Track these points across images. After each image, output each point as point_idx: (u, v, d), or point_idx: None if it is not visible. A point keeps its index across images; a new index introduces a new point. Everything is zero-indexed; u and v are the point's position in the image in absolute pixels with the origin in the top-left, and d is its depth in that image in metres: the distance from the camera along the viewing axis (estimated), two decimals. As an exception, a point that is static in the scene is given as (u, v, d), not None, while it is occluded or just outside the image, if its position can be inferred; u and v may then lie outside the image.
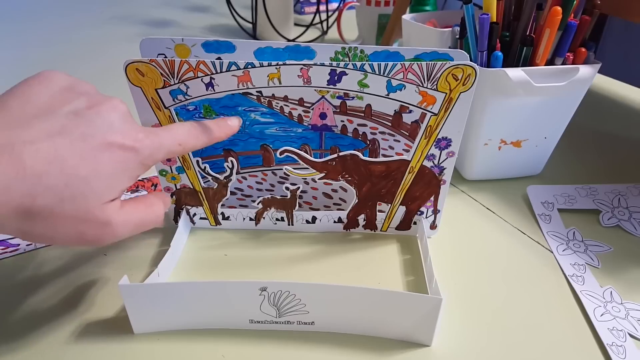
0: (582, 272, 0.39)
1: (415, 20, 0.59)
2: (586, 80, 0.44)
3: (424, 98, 0.35)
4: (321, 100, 0.36)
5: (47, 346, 0.31)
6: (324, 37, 0.97)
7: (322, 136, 0.39)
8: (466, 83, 0.33)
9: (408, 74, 0.34)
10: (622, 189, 0.48)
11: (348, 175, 0.38)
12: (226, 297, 0.31)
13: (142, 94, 0.34)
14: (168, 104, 0.35)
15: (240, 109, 0.37)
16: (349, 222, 0.42)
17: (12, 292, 0.35)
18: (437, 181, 0.39)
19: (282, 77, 0.34)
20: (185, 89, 0.35)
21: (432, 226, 0.42)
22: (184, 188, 0.40)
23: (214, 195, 0.40)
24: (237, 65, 0.34)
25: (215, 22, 1.06)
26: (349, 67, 0.34)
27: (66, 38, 0.94)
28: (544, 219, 0.45)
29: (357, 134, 0.38)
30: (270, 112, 0.37)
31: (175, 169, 0.39)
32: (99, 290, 0.36)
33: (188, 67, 0.33)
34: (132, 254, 0.39)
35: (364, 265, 0.39)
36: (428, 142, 0.37)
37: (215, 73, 0.34)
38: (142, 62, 0.33)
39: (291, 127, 0.38)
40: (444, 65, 0.33)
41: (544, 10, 0.44)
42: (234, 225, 0.42)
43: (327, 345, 0.32)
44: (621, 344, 0.33)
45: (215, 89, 0.35)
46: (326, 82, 0.35)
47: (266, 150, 0.39)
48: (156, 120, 0.36)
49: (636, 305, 0.36)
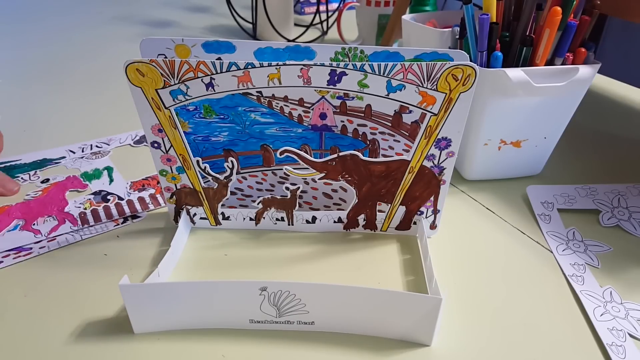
0: (582, 272, 0.39)
1: (415, 20, 0.59)
2: (586, 81, 0.44)
3: (424, 98, 0.35)
4: (321, 100, 0.36)
5: (47, 346, 0.31)
6: (324, 37, 0.97)
7: (322, 136, 0.39)
8: (466, 83, 0.33)
9: (408, 74, 0.34)
10: (621, 189, 0.48)
11: (348, 175, 0.38)
12: (226, 297, 0.31)
13: (142, 94, 0.34)
14: (168, 104, 0.35)
15: (240, 109, 0.37)
16: (349, 222, 0.42)
17: (13, 292, 0.36)
18: (437, 181, 0.39)
19: (282, 78, 0.34)
20: (185, 89, 0.35)
21: (432, 226, 0.42)
22: (184, 188, 0.40)
23: (214, 195, 0.40)
24: (237, 65, 0.34)
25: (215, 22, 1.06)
26: (349, 67, 0.34)
27: (66, 38, 0.94)
28: (543, 219, 0.45)
29: (357, 134, 0.38)
30: (270, 112, 0.37)
31: (176, 169, 0.39)
32: (99, 290, 0.36)
33: (188, 68, 0.33)
34: (132, 253, 0.39)
35: (363, 265, 0.39)
36: (428, 142, 0.37)
37: (215, 73, 0.34)
38: (142, 62, 0.33)
39: (291, 127, 0.38)
40: (443, 65, 0.33)
41: (543, 11, 0.44)
42: (234, 225, 0.42)
43: (327, 344, 0.32)
44: (621, 344, 0.33)
45: (215, 89, 0.35)
46: (326, 82, 0.35)
47: (266, 151, 0.39)
48: (156, 121, 0.36)
49: (636, 305, 0.36)
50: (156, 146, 0.38)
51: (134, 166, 0.52)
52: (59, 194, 0.46)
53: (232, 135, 0.39)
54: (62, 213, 0.44)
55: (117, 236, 0.41)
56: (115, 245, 0.40)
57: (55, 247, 0.40)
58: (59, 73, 0.76)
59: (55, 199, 0.45)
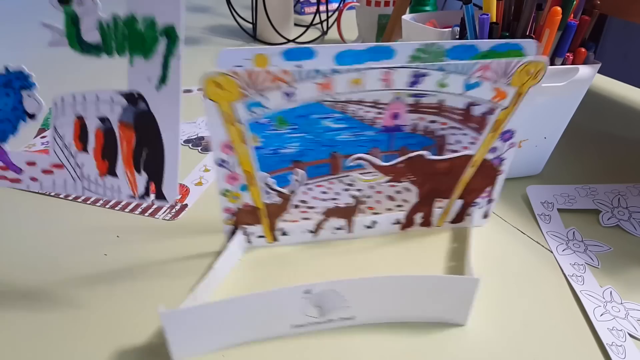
0: (582, 272, 0.39)
1: (415, 20, 0.59)
2: (586, 81, 0.44)
3: (497, 94, 0.35)
4: (396, 100, 0.35)
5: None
6: (324, 38, 0.97)
7: (392, 137, 0.37)
8: (537, 77, 0.34)
9: (487, 71, 0.34)
10: (621, 189, 0.48)
11: (413, 175, 0.38)
12: (271, 306, 0.31)
13: (216, 109, 0.32)
14: (243, 118, 0.33)
15: (313, 117, 0.35)
16: (406, 222, 0.41)
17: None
18: (495, 172, 0.39)
19: (365, 82, 0.33)
20: (262, 100, 0.33)
21: (485, 215, 0.42)
22: (245, 207, 0.38)
23: (276, 211, 0.38)
24: (321, 72, 0.32)
25: (215, 22, 1.06)
26: (431, 68, 0.33)
27: (66, 38, 0.94)
28: (543, 219, 0.45)
29: (426, 131, 0.38)
30: (344, 117, 0.36)
31: (240, 187, 0.37)
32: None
33: (269, 77, 0.32)
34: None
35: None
36: (494, 135, 0.37)
37: (297, 81, 0.32)
38: (222, 73, 0.31)
39: (362, 130, 0.37)
40: (520, 61, 0.33)
41: (543, 11, 0.44)
42: (292, 240, 0.41)
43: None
44: (621, 344, 0.33)
45: (294, 98, 0.33)
46: (407, 84, 0.34)
47: (335, 158, 0.37)
48: (227, 137, 0.34)
49: (636, 305, 0.36)
50: (222, 164, 0.35)
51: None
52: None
53: (303, 145, 0.36)
54: None
55: (117, 236, 0.41)
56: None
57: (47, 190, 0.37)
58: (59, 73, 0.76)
59: None
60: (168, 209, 0.45)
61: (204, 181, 0.49)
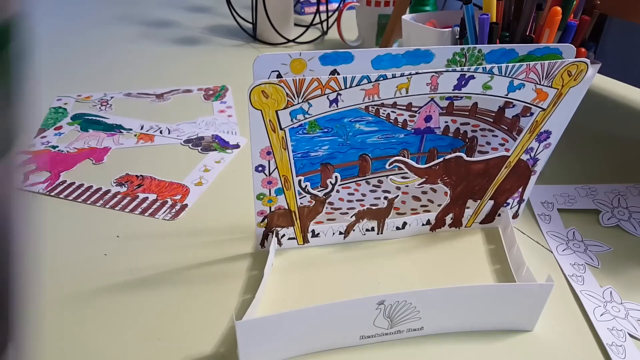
0: (582, 272, 0.39)
1: (415, 20, 0.59)
2: (586, 80, 0.44)
3: (538, 95, 0.35)
4: (429, 103, 0.35)
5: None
6: (324, 38, 0.97)
7: (423, 139, 0.37)
8: (577, 78, 0.34)
9: (530, 73, 0.34)
10: (621, 189, 0.48)
11: (447, 177, 0.38)
12: (343, 317, 0.31)
13: (261, 117, 0.32)
14: (285, 125, 0.33)
15: (345, 120, 0.35)
16: (436, 222, 0.41)
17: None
18: (529, 172, 0.39)
19: (411, 87, 0.33)
20: (307, 107, 0.33)
21: (514, 215, 0.42)
22: (278, 210, 0.38)
23: (309, 213, 0.39)
24: (369, 78, 0.32)
25: (215, 22, 1.06)
26: (478, 70, 0.33)
27: (65, 38, 0.94)
28: (543, 219, 0.45)
29: (457, 133, 0.38)
30: (376, 120, 0.35)
31: (275, 191, 0.37)
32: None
33: (316, 85, 0.31)
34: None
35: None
36: (531, 135, 0.37)
37: (344, 88, 0.32)
38: (270, 83, 0.31)
39: (394, 133, 0.36)
40: (562, 62, 0.33)
41: (543, 11, 0.44)
42: (323, 241, 0.41)
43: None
44: (621, 344, 0.33)
45: (339, 105, 0.33)
46: (453, 87, 0.34)
47: (364, 160, 0.37)
48: (267, 143, 0.34)
49: (636, 305, 0.36)
50: (260, 170, 0.35)
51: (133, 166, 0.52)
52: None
53: (333, 148, 0.36)
54: None
55: (117, 236, 0.41)
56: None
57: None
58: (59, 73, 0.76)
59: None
60: (168, 209, 0.45)
61: (204, 181, 0.49)
